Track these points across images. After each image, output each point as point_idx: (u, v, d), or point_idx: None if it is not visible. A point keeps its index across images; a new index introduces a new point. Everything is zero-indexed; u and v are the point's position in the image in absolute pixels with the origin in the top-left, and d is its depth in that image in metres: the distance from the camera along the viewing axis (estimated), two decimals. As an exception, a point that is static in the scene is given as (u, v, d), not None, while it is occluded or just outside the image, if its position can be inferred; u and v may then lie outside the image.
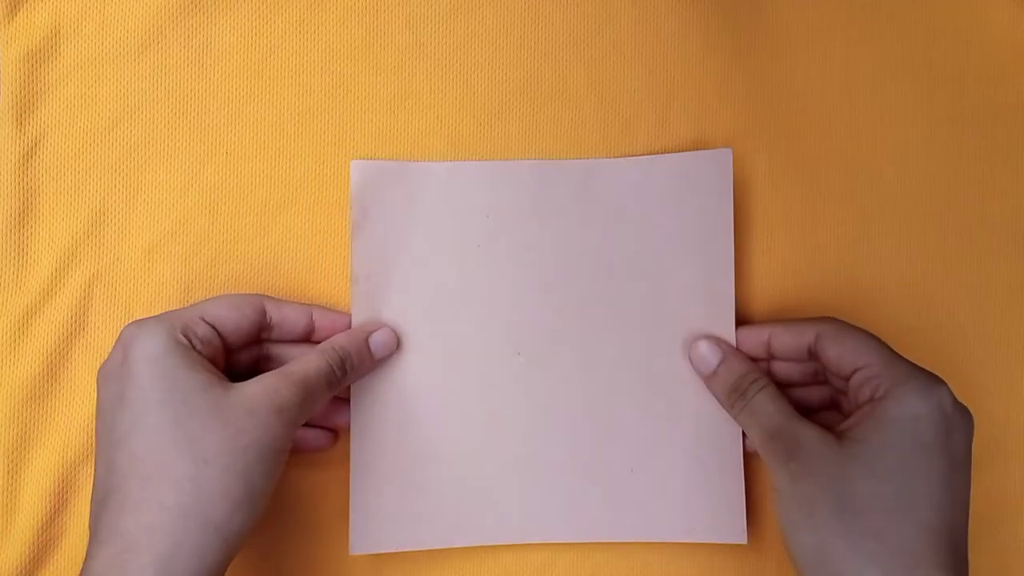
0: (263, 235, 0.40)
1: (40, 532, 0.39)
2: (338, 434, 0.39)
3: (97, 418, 0.34)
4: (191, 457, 0.31)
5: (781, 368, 0.38)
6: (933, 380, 0.33)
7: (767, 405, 0.36)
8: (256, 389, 0.33)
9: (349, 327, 0.38)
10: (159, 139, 0.40)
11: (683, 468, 0.39)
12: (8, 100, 0.40)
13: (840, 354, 0.35)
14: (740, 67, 0.41)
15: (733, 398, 0.37)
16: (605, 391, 0.39)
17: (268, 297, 0.38)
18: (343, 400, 0.39)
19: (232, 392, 0.33)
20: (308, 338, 0.38)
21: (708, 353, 0.38)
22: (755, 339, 0.38)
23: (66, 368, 0.39)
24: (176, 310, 0.36)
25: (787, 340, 0.37)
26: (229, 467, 0.32)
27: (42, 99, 0.40)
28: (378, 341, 0.38)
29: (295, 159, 0.40)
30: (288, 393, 0.33)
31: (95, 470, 0.33)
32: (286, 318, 0.37)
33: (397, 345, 0.39)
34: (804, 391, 0.38)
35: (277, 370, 0.35)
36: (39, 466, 0.39)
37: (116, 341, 0.34)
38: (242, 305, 0.36)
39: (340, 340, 0.37)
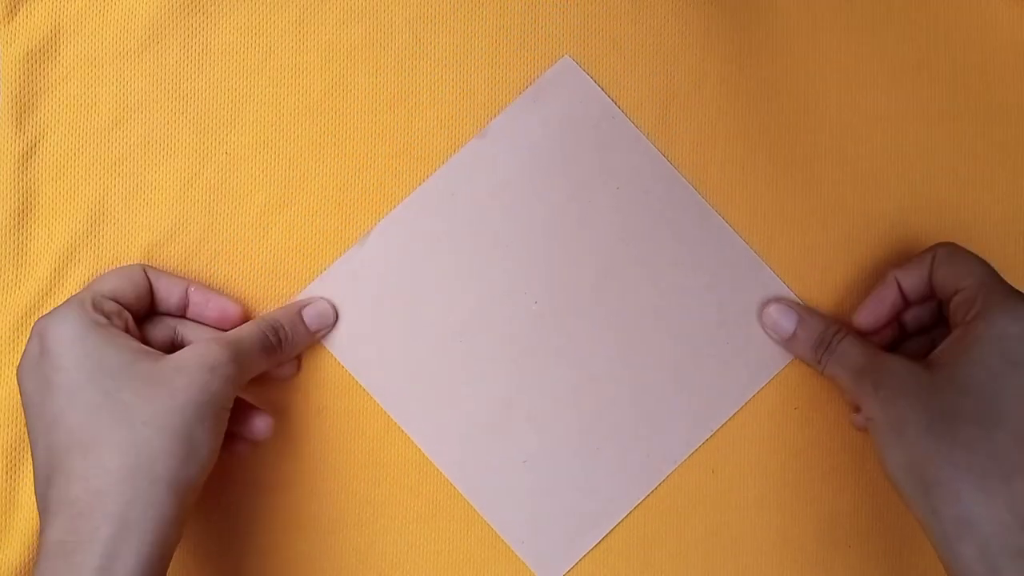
0: (263, 235, 0.40)
1: (40, 532, 0.38)
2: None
3: (26, 413, 0.34)
4: (128, 423, 0.32)
5: (913, 316, 0.38)
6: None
7: (851, 348, 0.36)
8: (185, 352, 0.35)
9: (225, 308, 0.38)
10: (159, 139, 0.40)
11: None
12: (8, 100, 0.39)
13: (946, 276, 0.36)
14: (740, 67, 0.41)
15: (819, 353, 0.38)
16: (619, 339, 0.41)
17: (148, 266, 0.38)
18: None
19: (161, 359, 0.34)
20: (184, 312, 0.38)
21: (781, 318, 0.39)
22: (887, 296, 0.38)
23: (66, 368, 0.39)
24: (77, 293, 0.36)
25: (913, 275, 0.37)
26: (167, 426, 0.32)
27: (42, 99, 0.40)
28: (312, 313, 0.39)
29: (295, 159, 0.40)
30: (218, 350, 0.34)
31: (33, 462, 0.33)
32: (162, 287, 0.38)
33: (334, 317, 0.40)
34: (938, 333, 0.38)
35: (209, 337, 0.36)
36: (39, 466, 0.39)
37: (29, 337, 0.34)
38: (132, 275, 0.37)
39: (273, 312, 0.39)
